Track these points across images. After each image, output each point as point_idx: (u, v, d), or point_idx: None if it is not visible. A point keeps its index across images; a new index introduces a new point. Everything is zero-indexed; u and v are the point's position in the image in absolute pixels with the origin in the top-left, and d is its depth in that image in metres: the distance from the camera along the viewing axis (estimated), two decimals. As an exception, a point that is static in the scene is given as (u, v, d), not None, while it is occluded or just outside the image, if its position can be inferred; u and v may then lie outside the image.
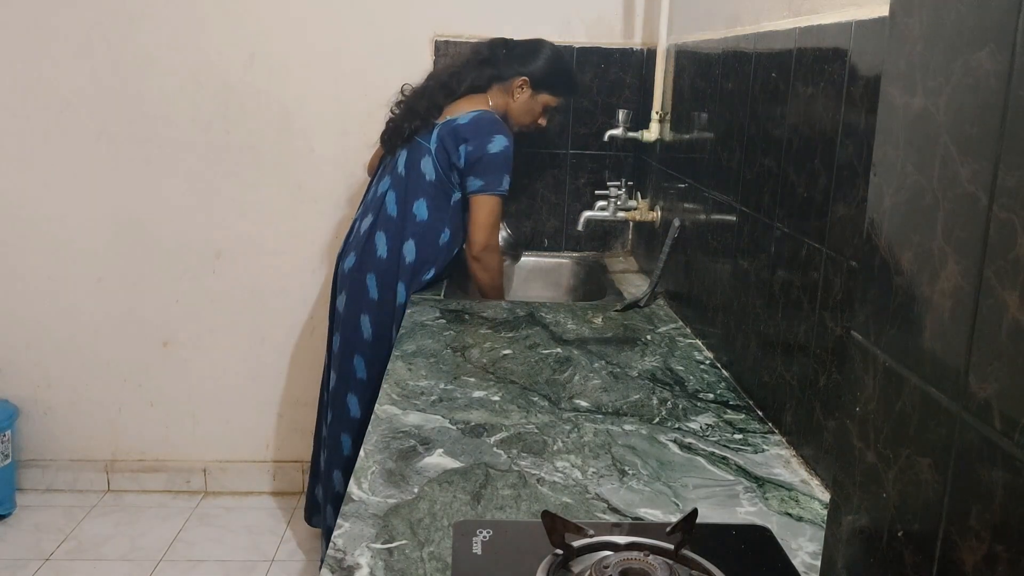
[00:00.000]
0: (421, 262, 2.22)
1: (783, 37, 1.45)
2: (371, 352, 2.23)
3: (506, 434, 1.38)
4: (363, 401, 2.23)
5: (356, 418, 2.24)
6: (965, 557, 0.58)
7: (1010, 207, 0.54)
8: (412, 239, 2.22)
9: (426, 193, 2.21)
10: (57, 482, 3.00)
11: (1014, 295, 0.53)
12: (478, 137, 2.17)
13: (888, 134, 0.71)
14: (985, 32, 0.57)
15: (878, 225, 0.72)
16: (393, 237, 2.22)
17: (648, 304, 2.20)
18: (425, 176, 2.21)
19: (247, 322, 2.93)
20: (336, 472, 2.28)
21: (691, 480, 1.24)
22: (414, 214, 2.22)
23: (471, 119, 2.20)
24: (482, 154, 2.17)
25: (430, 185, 2.21)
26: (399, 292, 2.21)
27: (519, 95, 2.29)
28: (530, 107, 2.31)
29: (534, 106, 2.31)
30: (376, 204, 2.26)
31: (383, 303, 2.22)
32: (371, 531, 1.07)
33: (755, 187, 1.56)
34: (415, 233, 2.22)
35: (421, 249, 2.22)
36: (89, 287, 2.86)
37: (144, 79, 2.71)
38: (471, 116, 2.21)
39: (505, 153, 2.18)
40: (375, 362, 2.21)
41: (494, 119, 2.22)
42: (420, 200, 2.21)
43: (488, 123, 2.20)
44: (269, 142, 2.77)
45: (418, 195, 2.22)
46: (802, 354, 1.32)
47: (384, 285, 2.22)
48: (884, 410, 0.70)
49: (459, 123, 2.20)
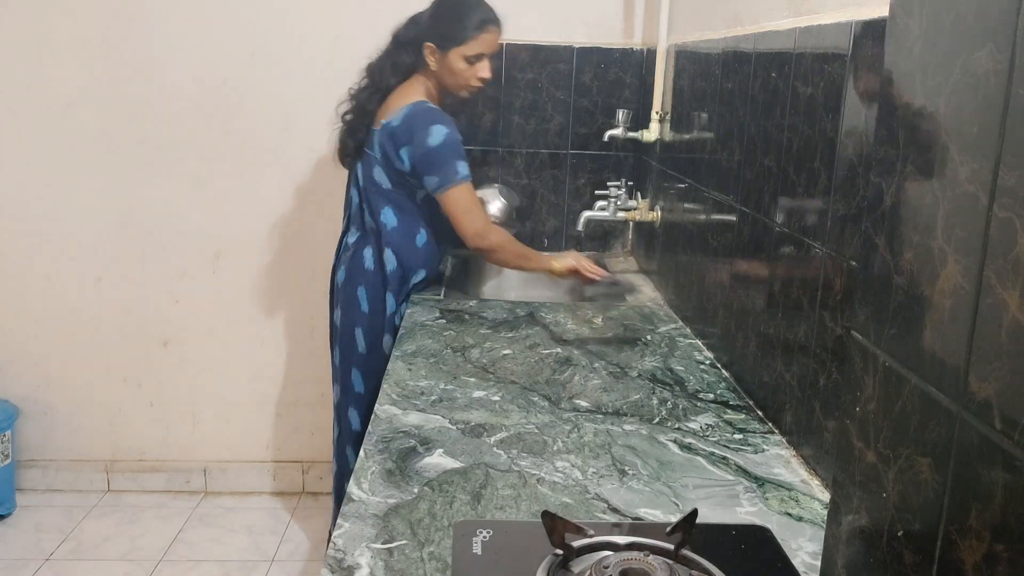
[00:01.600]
0: (405, 269, 2.18)
1: (783, 37, 1.45)
2: (365, 365, 2.20)
3: (506, 434, 1.38)
4: (363, 415, 2.20)
5: (358, 432, 2.20)
6: (965, 557, 0.58)
7: (1010, 207, 0.54)
8: (389, 247, 2.17)
9: (389, 200, 2.15)
10: (57, 482, 2.99)
11: (1014, 295, 0.53)
12: (414, 134, 2.05)
13: (888, 134, 0.71)
14: (985, 32, 0.57)
15: (878, 225, 0.72)
16: (376, 248, 2.19)
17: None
18: (382, 185, 2.15)
19: (247, 322, 2.93)
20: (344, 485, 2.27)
21: (691, 480, 1.24)
22: (384, 223, 2.16)
23: (402, 118, 2.07)
24: (424, 151, 2.05)
25: (390, 192, 2.15)
26: (388, 303, 2.18)
27: (434, 63, 2.12)
28: (451, 69, 2.11)
29: (453, 66, 2.10)
30: (357, 216, 2.22)
31: (374, 315, 2.19)
32: (371, 531, 1.07)
33: (755, 187, 1.56)
34: (390, 241, 2.17)
35: (401, 256, 2.17)
36: (89, 286, 2.86)
37: (144, 79, 2.71)
38: (402, 114, 2.07)
39: (447, 141, 2.04)
40: (370, 375, 2.19)
41: (426, 110, 2.08)
42: (386, 208, 2.16)
43: (420, 116, 2.06)
44: (269, 142, 2.77)
45: (382, 204, 2.16)
46: (802, 354, 1.32)
47: (374, 297, 2.18)
48: (884, 410, 0.70)
49: (393, 125, 2.08)
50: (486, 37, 2.10)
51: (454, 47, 2.08)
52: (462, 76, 2.12)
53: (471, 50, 2.09)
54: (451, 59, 2.09)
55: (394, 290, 2.18)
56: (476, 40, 2.09)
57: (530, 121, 2.75)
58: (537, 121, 2.75)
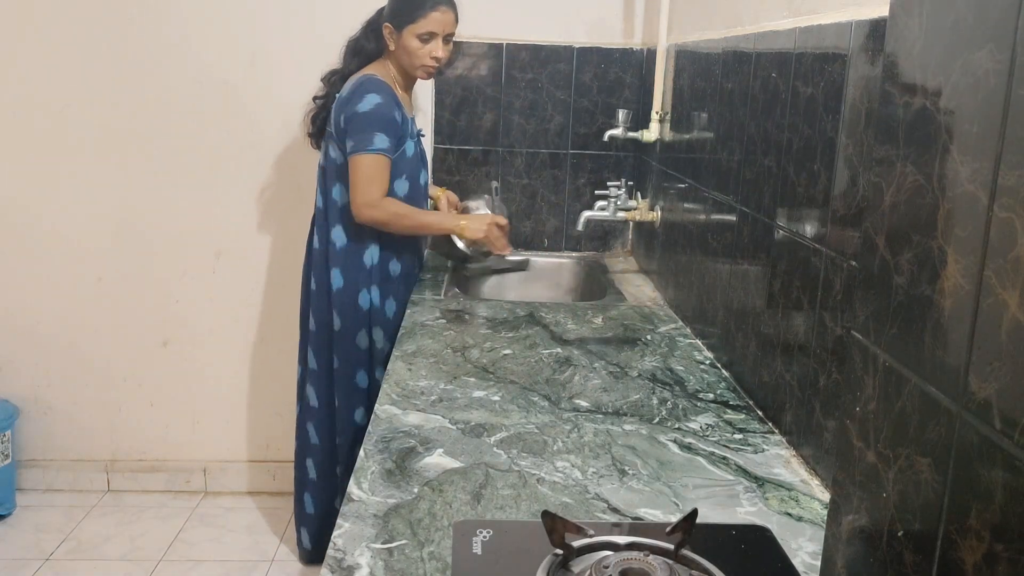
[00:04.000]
0: (355, 244, 2.21)
1: (783, 37, 1.45)
2: (316, 342, 2.28)
3: (506, 434, 1.38)
4: (319, 391, 2.30)
5: (314, 407, 2.32)
6: (965, 557, 0.58)
7: (1010, 207, 0.54)
8: (338, 224, 2.21)
9: (340, 176, 2.19)
10: (57, 482, 2.99)
11: (1014, 295, 0.53)
12: (351, 100, 2.12)
13: (888, 134, 0.71)
14: (985, 32, 0.57)
15: (878, 225, 0.72)
16: (320, 227, 2.25)
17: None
18: (336, 160, 2.20)
19: (247, 322, 2.93)
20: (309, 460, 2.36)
21: (691, 480, 1.24)
22: (335, 200, 2.21)
23: (350, 87, 2.15)
24: (351, 114, 2.11)
25: (342, 167, 2.18)
26: (334, 278, 2.22)
27: (392, 43, 2.19)
28: (406, 48, 2.16)
29: (408, 45, 2.16)
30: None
31: (319, 294, 2.26)
32: (371, 531, 1.07)
33: (755, 187, 1.56)
34: (340, 218, 2.21)
35: (349, 231, 2.21)
36: (89, 287, 2.86)
37: (144, 79, 2.71)
38: (351, 85, 2.16)
39: (376, 111, 2.09)
40: (321, 351, 2.28)
41: (369, 80, 2.14)
42: (337, 184, 2.21)
43: (361, 84, 2.13)
44: (269, 142, 2.77)
45: (334, 180, 2.21)
46: (802, 354, 1.32)
47: (318, 274, 2.25)
48: (884, 410, 0.70)
49: (342, 96, 2.16)
50: (436, 16, 2.16)
51: (407, 25, 2.15)
52: (416, 55, 2.17)
53: (422, 28, 2.15)
54: (405, 38, 2.16)
55: (340, 265, 2.21)
56: (426, 19, 2.15)
57: (530, 121, 2.75)
58: (537, 121, 2.75)
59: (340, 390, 2.27)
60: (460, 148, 2.76)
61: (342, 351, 2.25)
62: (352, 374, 2.25)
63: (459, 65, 2.71)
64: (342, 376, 2.26)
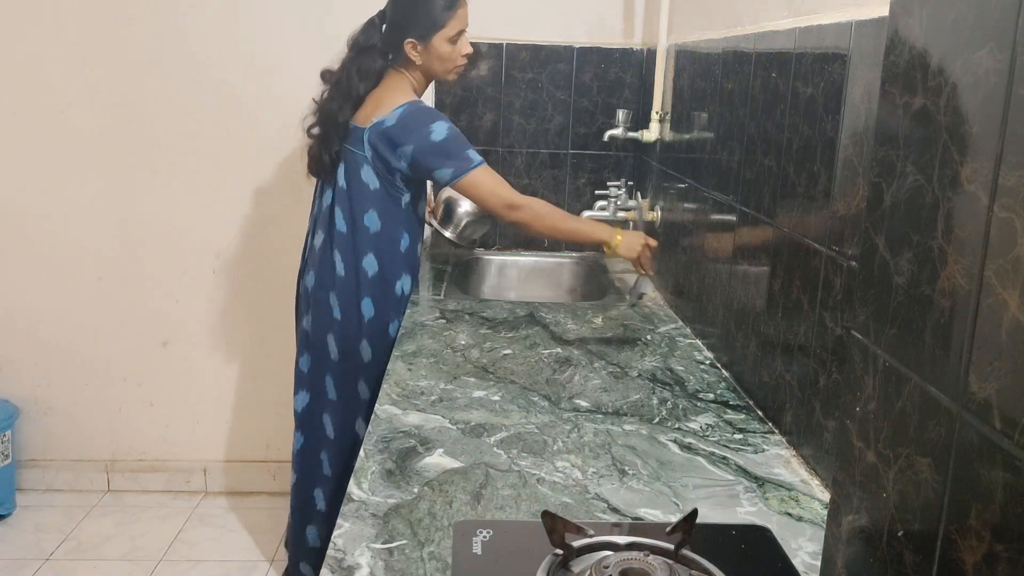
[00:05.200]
0: (387, 273, 2.12)
1: (783, 37, 1.45)
2: (340, 371, 2.15)
3: (506, 434, 1.38)
4: (337, 422, 2.17)
5: (332, 439, 2.18)
6: (965, 557, 0.58)
7: (1010, 207, 0.54)
8: (371, 252, 2.10)
9: (374, 203, 2.08)
10: (57, 482, 2.99)
11: (1014, 295, 0.53)
12: (413, 134, 2.01)
13: (888, 134, 0.71)
14: (985, 32, 0.57)
15: (878, 225, 0.72)
16: (348, 253, 2.11)
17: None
18: (369, 186, 2.08)
19: (247, 322, 2.93)
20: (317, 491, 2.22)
21: (691, 480, 1.24)
22: (366, 226, 2.09)
23: (398, 119, 2.02)
24: (430, 146, 2.01)
25: (376, 194, 2.08)
26: (364, 308, 2.11)
27: (419, 57, 2.08)
28: (439, 55, 2.08)
29: (440, 52, 2.08)
30: (325, 220, 2.15)
31: (347, 321, 2.12)
32: (371, 531, 1.07)
33: (755, 187, 1.56)
34: (372, 245, 2.10)
35: (383, 260, 2.11)
36: (89, 287, 2.86)
37: (144, 79, 2.71)
38: (397, 115, 2.03)
39: (451, 134, 2.02)
40: (344, 382, 2.15)
41: (421, 109, 2.05)
42: (370, 211, 2.08)
43: (417, 116, 2.04)
44: (269, 142, 2.77)
45: (366, 206, 2.08)
46: (802, 354, 1.32)
47: (347, 303, 2.12)
48: (884, 410, 0.70)
49: (387, 126, 2.03)
50: (460, 13, 2.09)
51: (436, 33, 2.06)
52: (450, 59, 2.10)
53: (452, 30, 2.07)
54: (436, 46, 2.08)
55: (373, 295, 2.11)
56: (454, 19, 2.08)
57: (530, 121, 2.75)
58: (537, 121, 2.75)
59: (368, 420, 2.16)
60: (460, 148, 2.76)
61: (374, 382, 2.11)
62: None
63: (459, 65, 2.71)
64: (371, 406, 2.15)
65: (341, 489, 2.16)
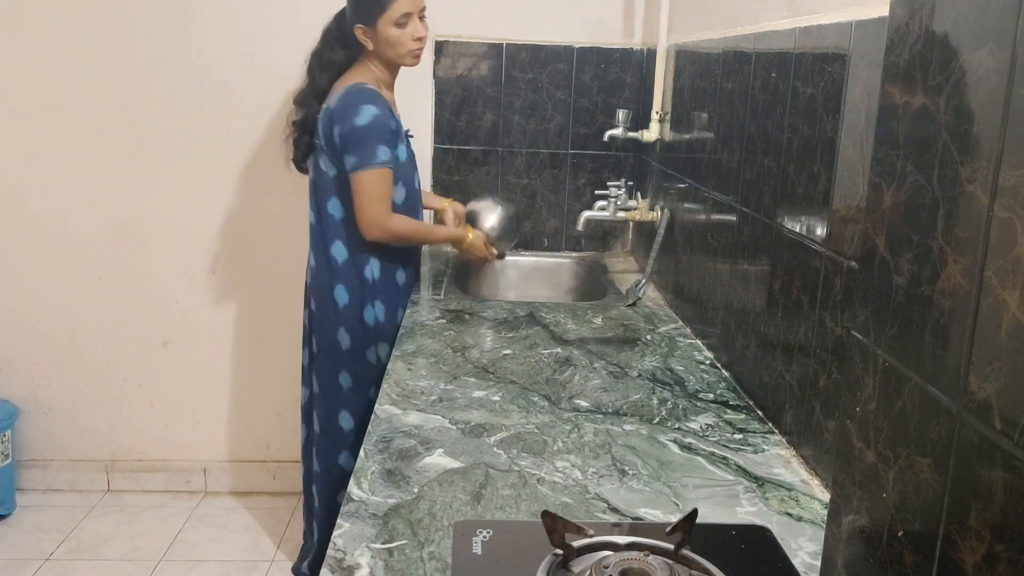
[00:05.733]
0: (356, 259, 2.14)
1: (783, 37, 1.45)
2: (322, 365, 2.20)
3: (506, 434, 1.38)
4: (321, 415, 2.22)
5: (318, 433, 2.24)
6: (965, 557, 0.58)
7: (1010, 207, 0.54)
8: (338, 239, 2.14)
9: (335, 191, 2.12)
10: (57, 482, 2.99)
11: (1014, 295, 0.53)
12: (346, 113, 2.03)
13: (888, 134, 0.71)
14: (985, 31, 0.57)
15: (878, 225, 0.72)
16: (319, 242, 2.17)
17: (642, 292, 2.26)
18: (328, 174, 2.12)
19: (247, 322, 2.93)
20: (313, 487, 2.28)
21: (691, 480, 1.24)
22: (331, 214, 2.14)
23: (339, 98, 2.06)
24: (351, 129, 2.02)
25: (335, 181, 2.11)
26: (338, 295, 2.15)
27: (370, 41, 2.10)
28: (387, 40, 2.08)
29: (387, 35, 2.07)
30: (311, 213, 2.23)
31: (322, 312, 2.17)
32: (371, 531, 1.07)
33: (755, 187, 1.56)
34: (339, 233, 2.14)
35: (351, 247, 2.14)
36: (89, 287, 2.86)
37: (144, 79, 2.71)
38: (338, 97, 2.06)
39: (375, 122, 2.02)
40: (327, 374, 2.19)
41: (360, 90, 2.06)
42: (332, 199, 2.13)
43: (354, 95, 2.05)
44: (269, 142, 2.77)
45: (329, 194, 2.13)
46: (802, 354, 1.32)
47: (321, 292, 2.17)
48: (884, 410, 0.70)
49: (331, 108, 2.07)
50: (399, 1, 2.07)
51: (380, 16, 2.06)
52: (399, 43, 2.08)
53: (396, 12, 2.06)
54: (382, 30, 2.07)
55: (345, 282, 2.15)
56: (398, 2, 2.06)
57: (530, 121, 2.75)
58: (537, 121, 2.75)
59: (354, 410, 2.19)
60: (460, 148, 2.76)
61: (354, 370, 2.17)
62: (365, 392, 2.17)
63: (459, 65, 2.71)
64: (355, 395, 2.18)
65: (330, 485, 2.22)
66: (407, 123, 2.31)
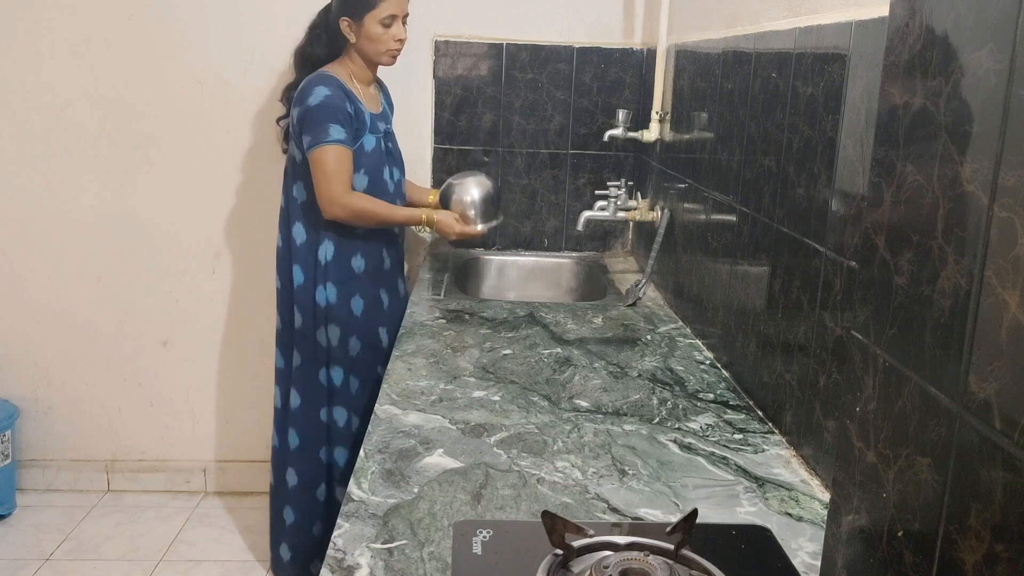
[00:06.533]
0: (311, 240, 2.22)
1: (783, 37, 1.45)
2: (280, 340, 2.33)
3: (506, 434, 1.38)
4: (283, 391, 2.34)
5: (278, 407, 2.36)
6: (965, 557, 0.58)
7: (1010, 207, 0.54)
8: (299, 221, 2.23)
9: (300, 175, 2.20)
10: (57, 482, 2.99)
11: (1014, 295, 0.53)
12: (301, 98, 2.12)
13: (888, 134, 0.71)
14: (985, 32, 0.57)
15: (878, 225, 0.72)
16: (283, 224, 2.27)
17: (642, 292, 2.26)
18: (295, 158, 2.21)
19: (247, 322, 2.93)
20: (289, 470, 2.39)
21: (691, 480, 1.24)
22: (295, 197, 2.23)
23: (301, 87, 2.15)
24: (304, 109, 2.10)
25: (301, 165, 2.19)
26: (295, 275, 2.24)
27: (353, 35, 2.17)
28: (369, 36, 2.15)
29: (371, 32, 2.14)
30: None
31: (284, 290, 2.29)
32: (371, 531, 1.07)
33: (755, 187, 1.56)
34: (299, 215, 2.22)
35: (309, 228, 2.22)
36: (89, 287, 2.86)
37: (144, 79, 2.71)
38: (303, 83, 2.16)
39: (326, 102, 2.09)
40: (284, 350, 2.32)
41: (318, 75, 2.15)
42: (297, 183, 2.22)
43: (311, 81, 2.14)
44: (269, 142, 2.77)
45: (295, 178, 2.22)
46: (802, 354, 1.32)
47: (283, 271, 2.28)
48: (884, 410, 0.70)
49: (295, 95, 2.17)
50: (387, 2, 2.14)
51: (367, 12, 2.13)
52: (380, 41, 2.16)
53: (384, 12, 2.13)
54: (367, 26, 2.14)
55: (301, 262, 2.23)
56: (386, 2, 2.13)
57: (530, 121, 2.75)
58: (537, 121, 2.75)
59: (301, 389, 2.28)
60: (460, 148, 2.76)
61: (303, 349, 2.26)
62: (314, 372, 2.26)
63: (459, 65, 2.71)
64: (303, 374, 2.27)
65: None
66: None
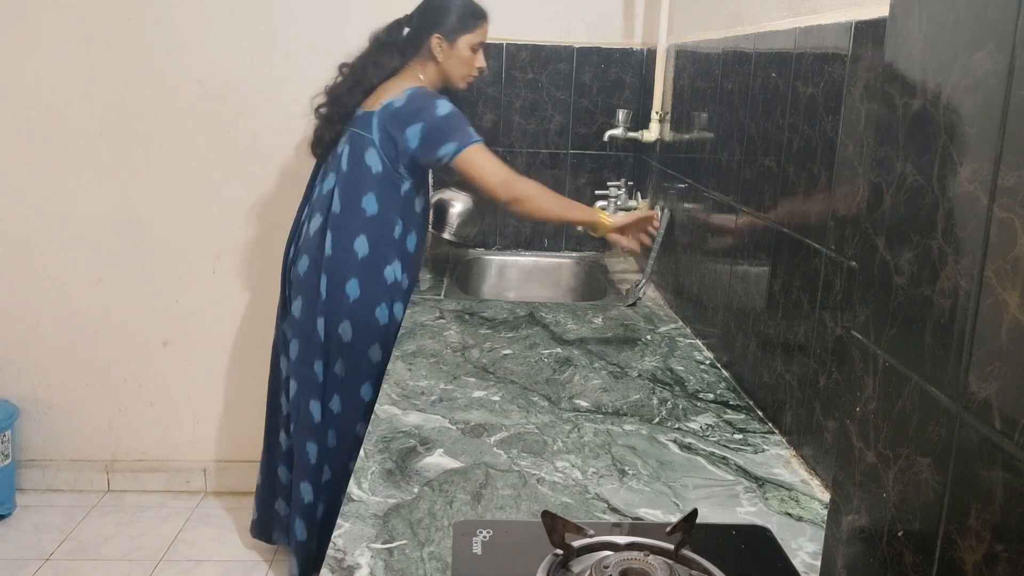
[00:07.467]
0: (377, 256, 2.14)
1: (783, 37, 1.45)
2: (326, 355, 2.17)
3: (506, 434, 1.38)
4: (324, 406, 2.19)
5: (318, 423, 2.18)
6: (965, 557, 0.58)
7: (1010, 207, 0.54)
8: (363, 234, 2.13)
9: (373, 187, 2.13)
10: (57, 482, 2.99)
11: (1014, 295, 0.53)
12: (423, 112, 2.09)
13: (888, 134, 0.71)
14: (985, 32, 0.57)
15: (878, 225, 0.72)
16: (341, 233, 2.14)
17: (642, 292, 2.26)
18: (371, 169, 2.12)
19: (247, 322, 2.93)
20: (304, 483, 2.21)
21: (691, 480, 1.24)
22: (363, 208, 2.13)
23: (407, 99, 2.11)
24: (436, 121, 2.09)
25: (377, 178, 2.12)
26: (350, 288, 2.13)
27: (441, 54, 2.17)
28: (460, 57, 2.19)
29: (462, 54, 2.18)
30: (324, 204, 2.18)
31: (332, 301, 2.14)
32: (371, 531, 1.07)
33: (755, 187, 1.56)
34: (367, 228, 2.13)
35: (375, 243, 2.14)
36: (89, 287, 2.86)
37: (144, 79, 2.71)
38: (406, 96, 2.12)
39: (455, 112, 2.12)
40: (330, 364, 2.17)
41: (426, 91, 2.15)
42: (369, 194, 2.13)
43: (424, 95, 2.13)
44: (269, 142, 2.77)
45: (366, 189, 2.13)
46: (802, 354, 1.32)
47: (333, 283, 2.14)
48: (884, 410, 0.70)
49: (396, 106, 2.11)
50: (485, 27, 2.22)
51: (463, 35, 2.17)
52: (467, 65, 2.21)
53: (477, 38, 2.19)
54: (459, 48, 2.18)
55: (359, 276, 2.13)
56: (481, 29, 2.20)
57: (530, 121, 2.75)
58: (537, 121, 2.75)
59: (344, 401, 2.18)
60: (460, 148, 2.76)
61: (350, 363, 2.16)
62: (358, 386, 2.17)
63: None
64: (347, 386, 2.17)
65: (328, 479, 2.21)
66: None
